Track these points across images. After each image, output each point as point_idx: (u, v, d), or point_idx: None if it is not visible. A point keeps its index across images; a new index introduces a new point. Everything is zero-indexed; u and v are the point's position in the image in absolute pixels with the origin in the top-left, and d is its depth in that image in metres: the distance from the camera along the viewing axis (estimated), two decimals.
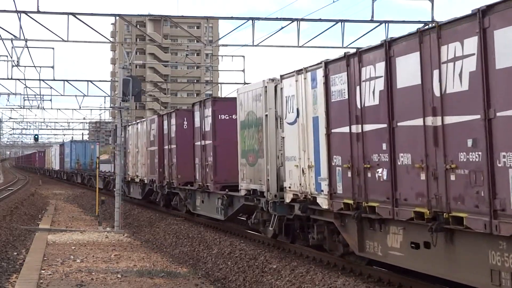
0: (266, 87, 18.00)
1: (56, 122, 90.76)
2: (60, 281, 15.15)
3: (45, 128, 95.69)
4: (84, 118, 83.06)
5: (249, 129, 19.20)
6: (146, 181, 33.70)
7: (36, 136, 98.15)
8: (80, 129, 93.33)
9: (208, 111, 23.89)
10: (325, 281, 13.96)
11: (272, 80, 17.90)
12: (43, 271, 16.32)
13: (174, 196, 29.45)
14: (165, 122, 30.09)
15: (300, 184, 15.89)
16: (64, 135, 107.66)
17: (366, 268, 14.33)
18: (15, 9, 27.92)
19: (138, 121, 36.76)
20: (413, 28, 13.30)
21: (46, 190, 57.03)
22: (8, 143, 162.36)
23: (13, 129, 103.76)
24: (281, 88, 16.96)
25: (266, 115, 17.89)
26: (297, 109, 15.99)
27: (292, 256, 17.35)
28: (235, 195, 21.56)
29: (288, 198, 16.76)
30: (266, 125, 17.90)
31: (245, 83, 44.88)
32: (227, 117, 23.23)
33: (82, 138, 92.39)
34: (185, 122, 27.42)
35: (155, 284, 15.09)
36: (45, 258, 18.55)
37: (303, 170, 15.69)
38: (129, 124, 39.44)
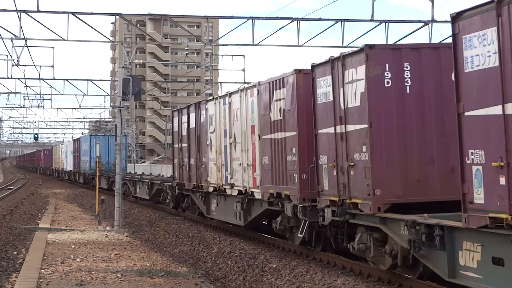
0: None
1: (56, 121, 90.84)
2: (60, 280, 15.17)
3: (45, 128, 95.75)
4: (84, 117, 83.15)
5: None
6: (259, 196, 18.69)
7: (36, 135, 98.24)
8: (80, 128, 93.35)
9: None
10: (325, 280, 13.95)
11: None
12: (43, 270, 16.33)
13: (357, 232, 14.13)
14: (322, 81, 14.84)
15: None
16: (64, 134, 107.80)
17: (366, 267, 14.32)
18: (15, 8, 27.94)
19: (232, 91, 21.08)
20: (412, 28, 13.04)
21: (46, 190, 57.03)
22: (8, 142, 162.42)
23: (13, 128, 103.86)
24: None
25: None
26: None
27: (292, 256, 17.33)
28: None
29: None
30: None
31: (245, 83, 44.94)
32: None
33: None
34: (388, 73, 13.29)
35: (155, 283, 15.10)
36: (45, 258, 18.56)
37: None
38: (209, 99, 23.63)
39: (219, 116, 22.16)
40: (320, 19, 29.64)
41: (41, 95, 54.92)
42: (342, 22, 29.30)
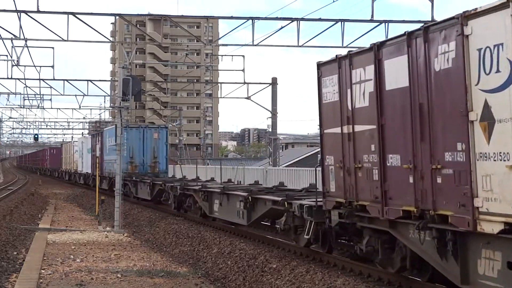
0: None
1: (56, 122, 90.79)
2: (60, 281, 15.17)
3: (45, 128, 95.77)
4: (84, 118, 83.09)
5: None
6: None
7: (36, 136, 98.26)
8: (80, 129, 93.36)
9: None
10: (325, 280, 13.95)
11: None
12: (43, 271, 16.33)
13: None
14: None
15: None
16: (64, 134, 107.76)
17: (366, 267, 14.32)
18: (15, 9, 27.97)
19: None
20: (412, 28, 12.98)
21: (46, 190, 57.01)
22: (8, 142, 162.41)
23: (13, 128, 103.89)
24: None
25: None
26: None
27: (292, 256, 17.33)
28: None
29: None
30: None
31: (245, 83, 44.99)
32: None
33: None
34: None
35: (155, 283, 15.10)
36: (45, 258, 18.56)
37: None
38: (480, 10, 9.37)
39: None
40: (320, 19, 29.67)
41: (41, 96, 55.01)
42: (342, 22, 29.32)
